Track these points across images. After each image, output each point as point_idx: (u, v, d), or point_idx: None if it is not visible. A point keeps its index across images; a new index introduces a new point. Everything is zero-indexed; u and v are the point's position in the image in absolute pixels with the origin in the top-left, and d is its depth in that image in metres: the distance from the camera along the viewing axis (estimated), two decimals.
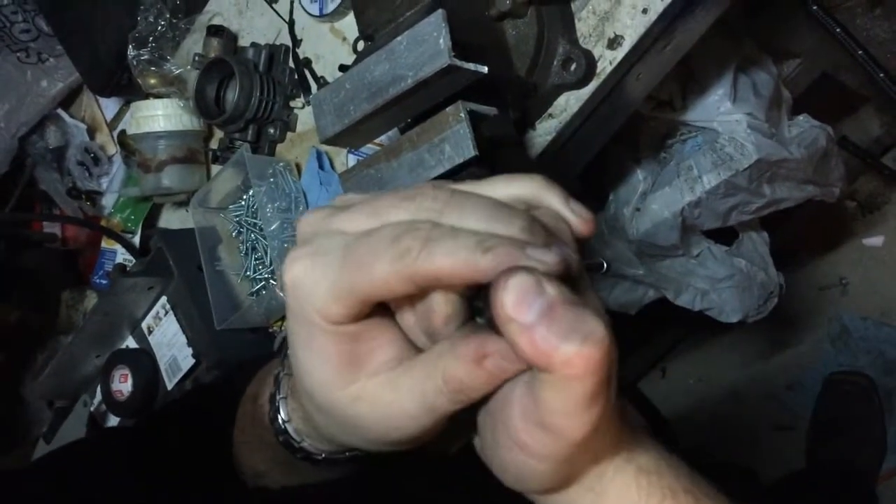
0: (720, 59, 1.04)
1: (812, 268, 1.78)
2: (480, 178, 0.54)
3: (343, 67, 0.89)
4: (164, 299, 1.07)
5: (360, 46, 0.70)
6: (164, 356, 1.07)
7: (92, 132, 1.37)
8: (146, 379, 1.07)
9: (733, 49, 1.06)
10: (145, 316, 1.10)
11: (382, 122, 0.59)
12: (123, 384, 1.09)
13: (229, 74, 1.01)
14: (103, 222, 1.29)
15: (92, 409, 1.23)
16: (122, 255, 1.25)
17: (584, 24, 0.73)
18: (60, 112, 1.36)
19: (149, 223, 1.26)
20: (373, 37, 0.66)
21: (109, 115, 1.35)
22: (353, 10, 0.69)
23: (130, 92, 1.22)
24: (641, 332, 1.69)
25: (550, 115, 0.76)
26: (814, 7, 1.04)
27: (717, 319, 1.20)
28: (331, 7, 0.94)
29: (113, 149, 1.34)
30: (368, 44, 0.67)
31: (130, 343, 1.14)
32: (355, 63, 0.60)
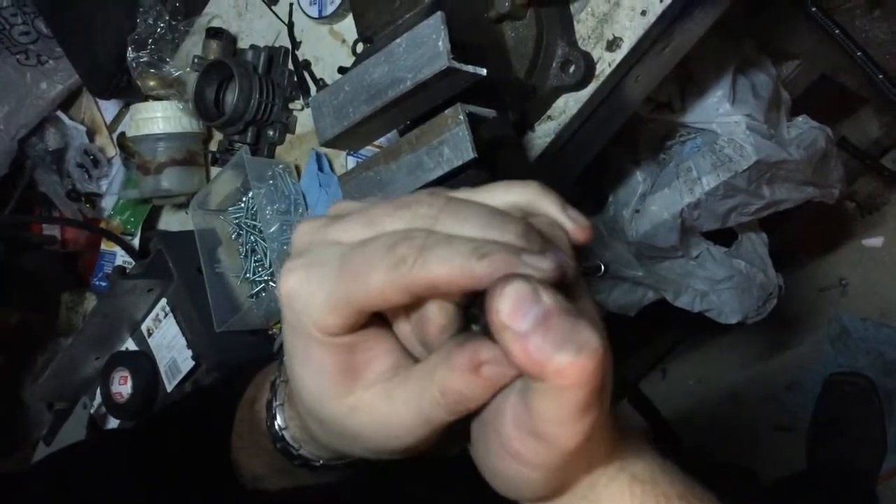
0: (719, 61, 1.04)
1: (812, 269, 1.78)
2: (479, 180, 0.54)
3: (342, 69, 0.89)
4: (163, 301, 1.07)
5: (360, 48, 0.70)
6: (164, 358, 1.07)
7: (91, 134, 1.38)
8: (146, 381, 1.07)
9: (732, 50, 1.06)
10: (145, 318, 1.10)
11: (381, 125, 0.59)
12: (123, 386, 1.09)
13: (228, 76, 1.01)
14: (103, 224, 1.29)
15: (92, 411, 1.22)
16: (121, 257, 1.25)
17: (582, 26, 0.73)
18: (60, 114, 1.36)
19: (148, 225, 1.26)
20: (372, 39, 0.66)
21: (109, 117, 1.35)
22: (353, 12, 0.69)
23: (130, 94, 1.22)
24: (641, 333, 1.68)
25: (549, 116, 0.76)
26: (813, 8, 1.04)
27: (716, 321, 1.19)
28: (330, 9, 0.94)
29: (112, 151, 1.34)
30: (367, 46, 0.67)
31: (130, 345, 1.14)
32: (354, 65, 0.60)
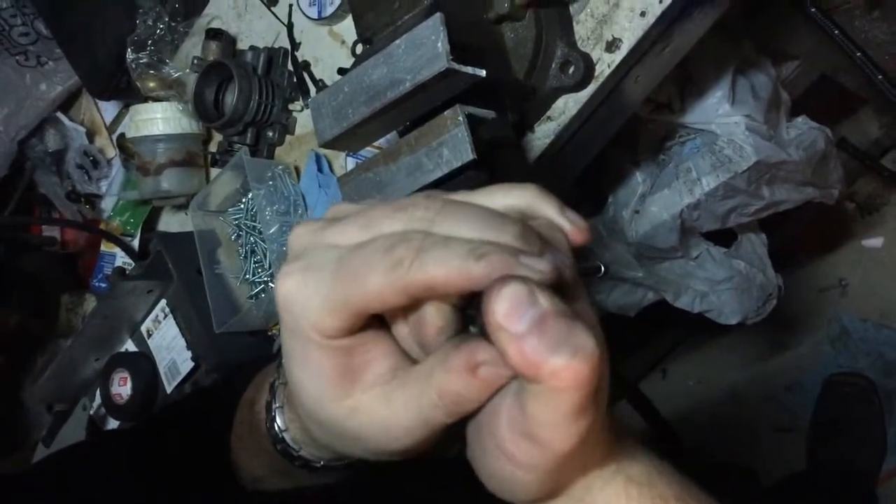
0: (718, 62, 1.04)
1: (811, 269, 1.78)
2: (478, 181, 0.54)
3: (342, 71, 0.89)
4: (163, 302, 1.07)
5: (359, 50, 0.70)
6: (164, 359, 1.07)
7: (91, 135, 1.38)
8: (145, 382, 1.07)
9: (732, 51, 1.06)
10: (144, 319, 1.10)
11: (381, 126, 0.59)
12: (123, 387, 1.09)
13: (228, 78, 1.01)
14: (102, 225, 1.29)
15: (91, 412, 1.22)
16: (121, 258, 1.25)
17: (582, 27, 0.73)
18: (59, 115, 1.36)
19: (148, 226, 1.26)
20: (371, 40, 0.66)
21: (108, 118, 1.35)
22: (352, 13, 0.69)
23: (129, 95, 1.22)
24: (641, 334, 1.68)
25: (549, 117, 0.76)
26: (812, 9, 1.04)
27: (716, 321, 1.19)
28: (329, 10, 0.94)
29: (112, 152, 1.34)
30: (367, 47, 0.67)
31: (130, 346, 1.14)
32: (354, 66, 0.60)
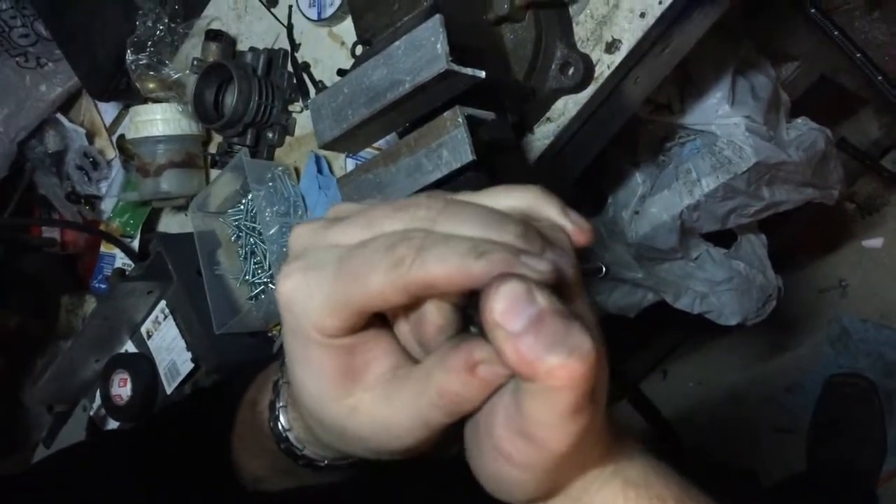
0: (718, 63, 1.04)
1: (811, 270, 1.78)
2: (478, 182, 0.54)
3: (341, 72, 0.89)
4: (163, 303, 1.07)
5: (359, 51, 0.70)
6: (164, 360, 1.07)
7: (91, 136, 1.37)
8: (145, 383, 1.07)
9: (731, 52, 1.06)
10: (144, 320, 1.10)
11: (380, 127, 0.59)
12: (123, 388, 1.09)
13: (228, 79, 1.01)
14: (102, 227, 1.29)
15: (91, 413, 1.22)
16: (121, 259, 1.25)
17: (581, 29, 0.73)
18: (59, 116, 1.36)
19: (148, 227, 1.26)
20: (371, 41, 0.66)
21: (108, 119, 1.35)
22: (352, 14, 0.69)
23: (129, 96, 1.22)
24: (641, 335, 1.68)
25: (549, 118, 0.76)
26: (812, 10, 1.04)
27: (716, 322, 1.19)
28: (329, 11, 0.94)
29: (112, 153, 1.34)
30: (366, 48, 0.67)
31: (130, 347, 1.14)
32: (353, 68, 0.60)
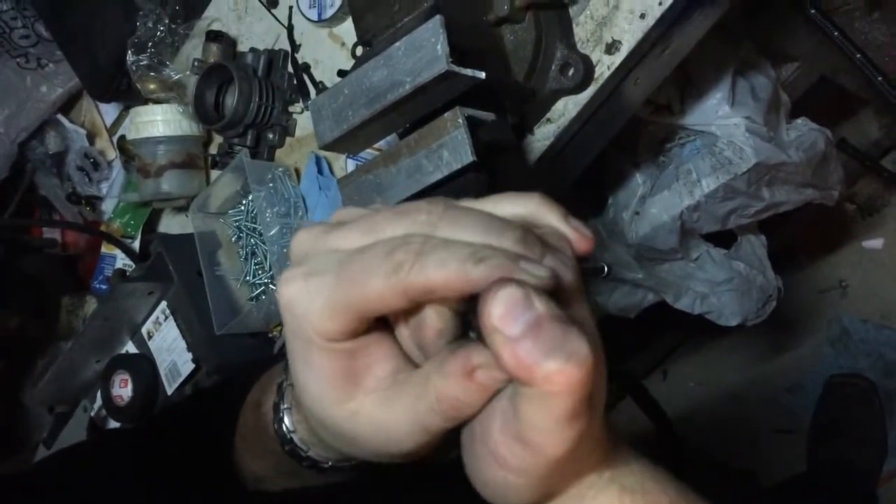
0: (718, 63, 1.04)
1: (812, 270, 1.78)
2: (478, 183, 0.54)
3: (342, 73, 0.89)
4: (163, 304, 1.07)
5: (359, 52, 0.70)
6: (164, 361, 1.07)
7: (91, 137, 1.38)
8: (146, 384, 1.07)
9: (731, 53, 1.06)
10: (145, 321, 1.10)
11: (381, 128, 0.60)
12: (123, 389, 1.09)
13: (228, 80, 1.01)
14: (103, 227, 1.29)
15: (92, 414, 1.22)
16: (121, 260, 1.25)
17: (582, 29, 0.73)
18: (60, 117, 1.36)
19: (148, 228, 1.26)
20: (371, 42, 0.66)
21: (109, 120, 1.35)
22: (352, 15, 0.69)
23: (130, 97, 1.22)
24: (641, 335, 1.69)
25: (549, 119, 0.76)
26: (812, 10, 1.04)
27: (716, 323, 1.20)
28: (329, 12, 0.94)
29: (112, 154, 1.34)
30: (367, 49, 0.67)
31: (130, 348, 1.14)
32: (354, 68, 0.60)
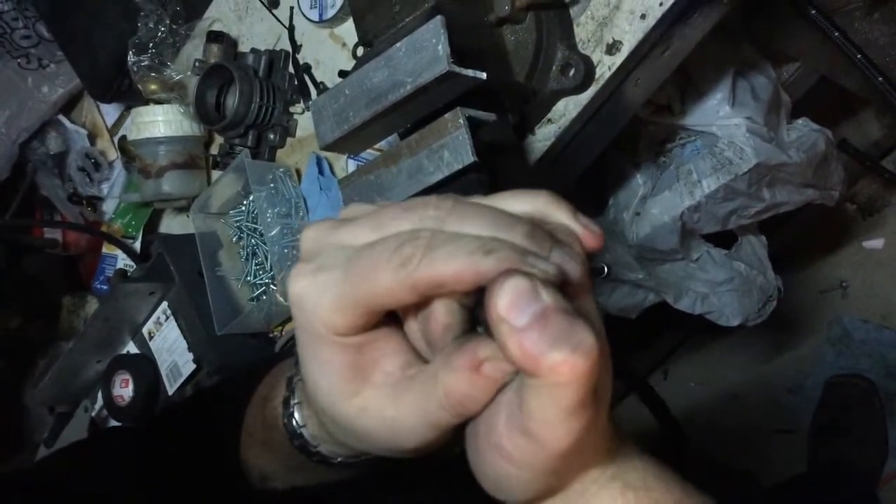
0: (718, 64, 1.04)
1: (812, 271, 1.78)
2: (479, 183, 0.54)
3: (343, 73, 0.89)
4: (164, 304, 1.07)
5: (360, 52, 0.70)
6: (165, 361, 1.07)
7: (93, 138, 1.38)
8: (147, 384, 1.07)
9: (732, 53, 1.06)
10: (146, 321, 1.11)
11: (382, 128, 0.60)
12: (124, 389, 1.09)
13: (229, 80, 1.01)
14: (104, 228, 1.29)
15: (93, 414, 1.23)
16: (122, 260, 1.25)
17: (582, 30, 0.73)
18: (61, 118, 1.36)
19: (149, 228, 1.26)
20: (372, 43, 0.66)
21: (110, 120, 1.36)
22: (353, 15, 0.69)
23: (131, 98, 1.22)
24: (642, 335, 1.68)
25: (549, 120, 0.76)
26: (812, 10, 1.04)
27: (717, 323, 1.20)
28: (330, 13, 0.95)
29: (113, 154, 1.34)
30: (368, 50, 0.67)
31: (131, 348, 1.14)
32: (355, 69, 0.60)
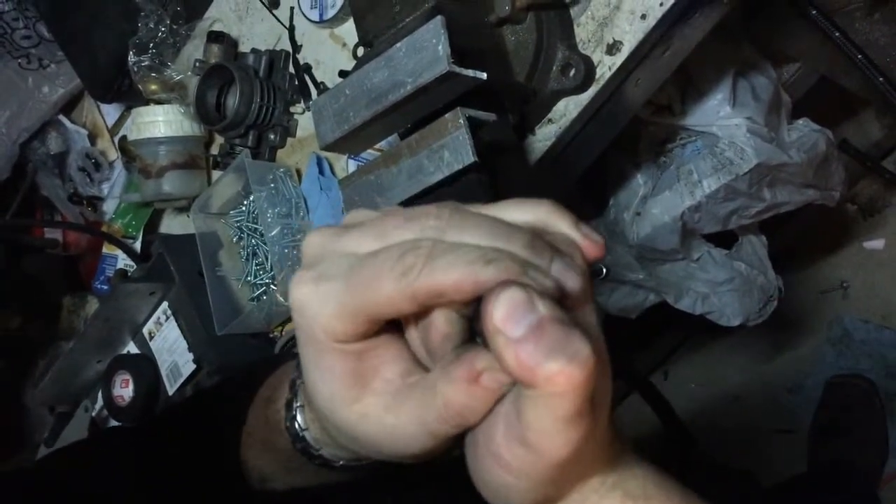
0: (719, 64, 1.04)
1: (813, 271, 1.78)
2: (480, 184, 0.54)
3: (343, 73, 0.89)
4: (165, 305, 1.07)
5: (360, 52, 0.70)
6: (166, 361, 1.07)
7: (93, 138, 1.38)
8: (147, 384, 1.07)
9: (732, 53, 1.06)
10: (146, 321, 1.11)
11: (382, 128, 0.60)
12: (125, 389, 1.09)
13: (230, 80, 1.01)
14: (104, 228, 1.29)
15: (93, 414, 1.23)
16: (123, 260, 1.25)
17: (582, 30, 0.73)
18: (61, 118, 1.36)
19: (150, 229, 1.26)
20: (372, 43, 0.66)
21: (110, 120, 1.35)
22: (353, 16, 0.69)
23: (131, 98, 1.22)
24: (642, 336, 1.68)
25: (550, 120, 0.76)
26: (812, 11, 1.04)
27: (717, 323, 1.20)
28: (331, 13, 0.95)
29: (114, 154, 1.34)
30: (368, 50, 0.67)
31: (132, 348, 1.14)
32: (355, 69, 0.60)
